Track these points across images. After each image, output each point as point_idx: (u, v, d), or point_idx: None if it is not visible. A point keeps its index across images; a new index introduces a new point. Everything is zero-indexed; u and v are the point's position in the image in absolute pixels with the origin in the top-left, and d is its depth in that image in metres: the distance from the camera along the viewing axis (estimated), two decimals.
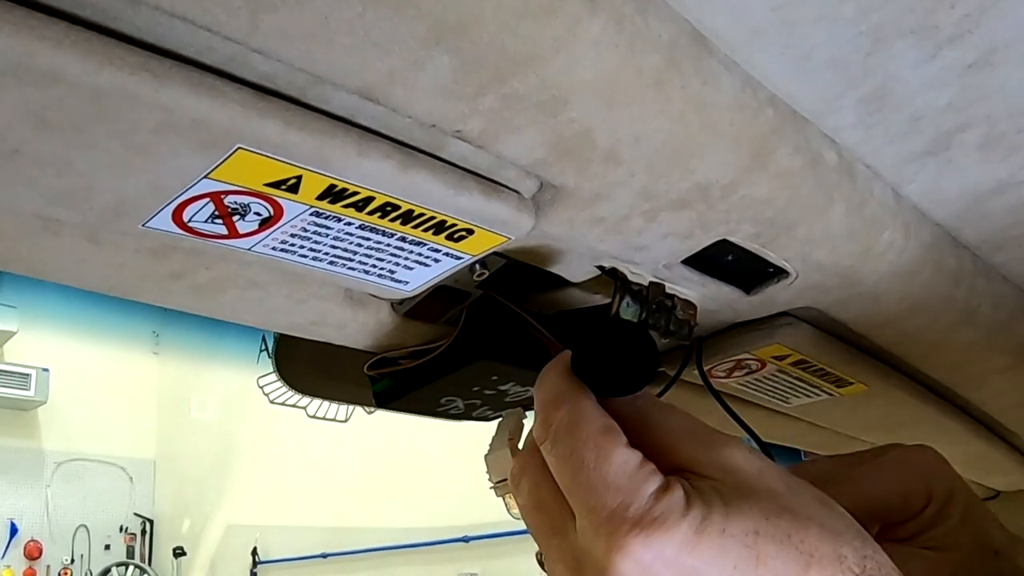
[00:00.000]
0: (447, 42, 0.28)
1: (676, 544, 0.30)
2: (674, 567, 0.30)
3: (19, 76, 0.25)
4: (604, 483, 0.32)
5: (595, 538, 0.31)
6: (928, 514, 0.43)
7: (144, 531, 6.93)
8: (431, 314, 0.49)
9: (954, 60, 0.36)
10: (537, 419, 0.36)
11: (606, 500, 0.32)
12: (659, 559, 0.30)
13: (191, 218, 0.34)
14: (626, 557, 0.30)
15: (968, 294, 0.54)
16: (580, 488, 0.33)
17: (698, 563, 0.30)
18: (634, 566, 0.30)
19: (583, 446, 0.33)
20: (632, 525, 0.31)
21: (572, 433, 0.34)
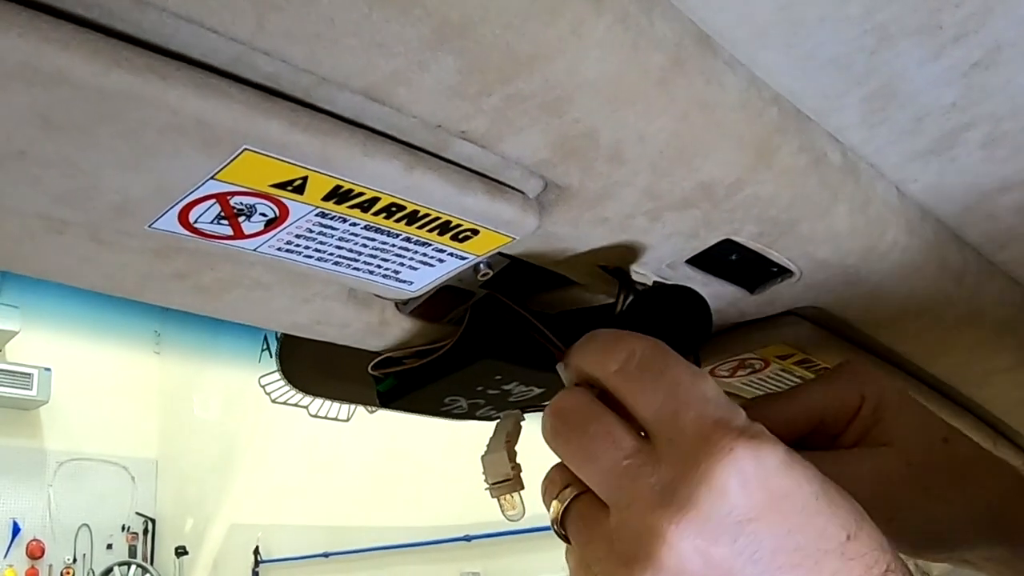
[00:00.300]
0: (452, 42, 0.28)
1: (777, 461, 0.31)
2: (773, 481, 0.31)
3: (26, 77, 0.25)
4: (705, 398, 0.33)
5: (694, 445, 0.31)
6: (865, 413, 0.44)
7: (146, 530, 6.94)
8: (435, 314, 0.49)
9: (958, 59, 0.36)
10: (607, 353, 0.36)
11: (709, 411, 0.32)
12: (762, 470, 0.31)
13: (197, 219, 0.34)
14: (734, 462, 0.31)
15: (972, 293, 0.54)
16: (678, 402, 0.33)
17: (792, 483, 0.31)
18: (738, 473, 0.30)
19: (677, 367, 0.34)
20: (739, 433, 0.31)
21: (662, 357, 0.34)
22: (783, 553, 0.30)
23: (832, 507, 0.32)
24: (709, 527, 0.30)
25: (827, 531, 0.31)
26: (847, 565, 0.31)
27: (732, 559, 0.30)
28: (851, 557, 0.31)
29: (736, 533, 0.30)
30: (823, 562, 0.31)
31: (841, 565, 0.31)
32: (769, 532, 0.30)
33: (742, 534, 0.30)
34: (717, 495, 0.30)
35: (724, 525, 0.30)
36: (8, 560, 6.28)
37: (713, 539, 0.30)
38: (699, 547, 0.30)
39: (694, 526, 0.30)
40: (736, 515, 0.30)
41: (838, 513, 0.32)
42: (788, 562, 0.30)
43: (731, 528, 0.30)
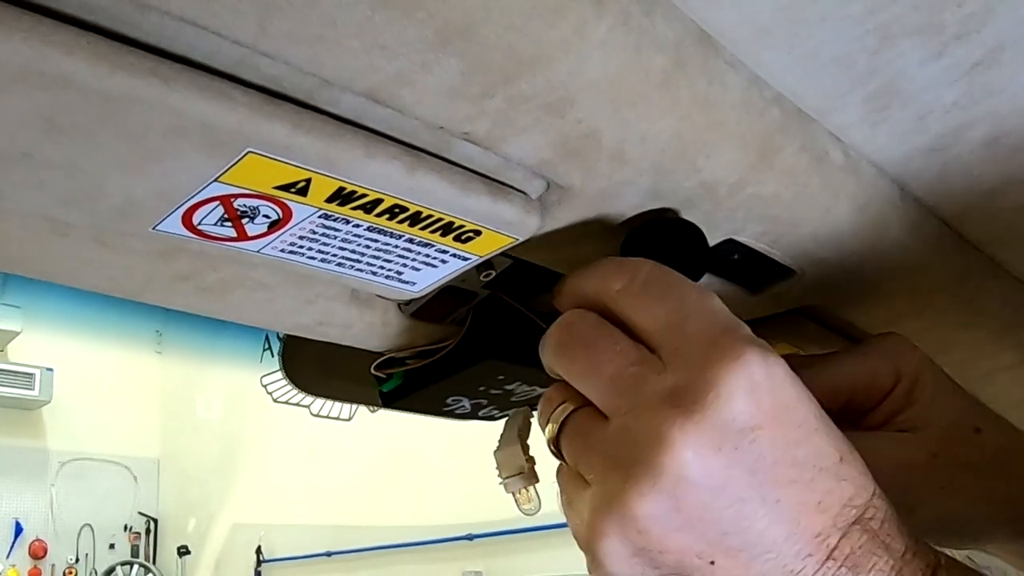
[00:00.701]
0: (454, 44, 0.28)
1: (784, 371, 0.31)
2: (779, 393, 0.31)
3: (30, 81, 0.25)
4: (713, 310, 0.32)
5: (707, 353, 0.31)
6: (898, 393, 0.43)
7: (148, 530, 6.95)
8: (438, 314, 0.49)
9: (960, 58, 0.36)
10: (611, 273, 0.35)
11: (719, 320, 0.32)
12: (770, 379, 0.30)
13: (201, 221, 0.34)
14: (743, 367, 0.30)
15: (975, 292, 0.54)
16: (685, 314, 0.32)
17: (796, 396, 0.31)
18: (747, 380, 0.30)
19: (682, 284, 0.34)
20: (749, 342, 0.31)
21: (667, 276, 0.34)
22: (782, 466, 0.30)
23: (827, 427, 0.32)
24: (714, 433, 0.30)
25: (824, 450, 0.31)
26: (839, 486, 0.31)
27: (732, 467, 0.30)
28: (843, 478, 0.31)
29: (739, 441, 0.30)
30: (818, 479, 0.31)
31: (834, 484, 0.31)
32: (771, 443, 0.30)
33: (745, 442, 0.30)
34: (725, 399, 0.30)
35: (729, 432, 0.30)
36: (11, 560, 6.29)
37: (716, 446, 0.30)
38: (701, 453, 0.29)
39: (699, 430, 0.29)
40: (741, 422, 0.30)
41: (832, 433, 0.32)
42: (786, 476, 0.30)
43: (735, 435, 0.30)
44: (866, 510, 0.31)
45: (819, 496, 0.31)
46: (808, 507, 0.30)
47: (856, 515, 0.31)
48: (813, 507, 0.30)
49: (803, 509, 0.30)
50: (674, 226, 0.37)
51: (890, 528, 0.31)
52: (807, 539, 0.30)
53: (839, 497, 0.31)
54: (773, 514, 0.30)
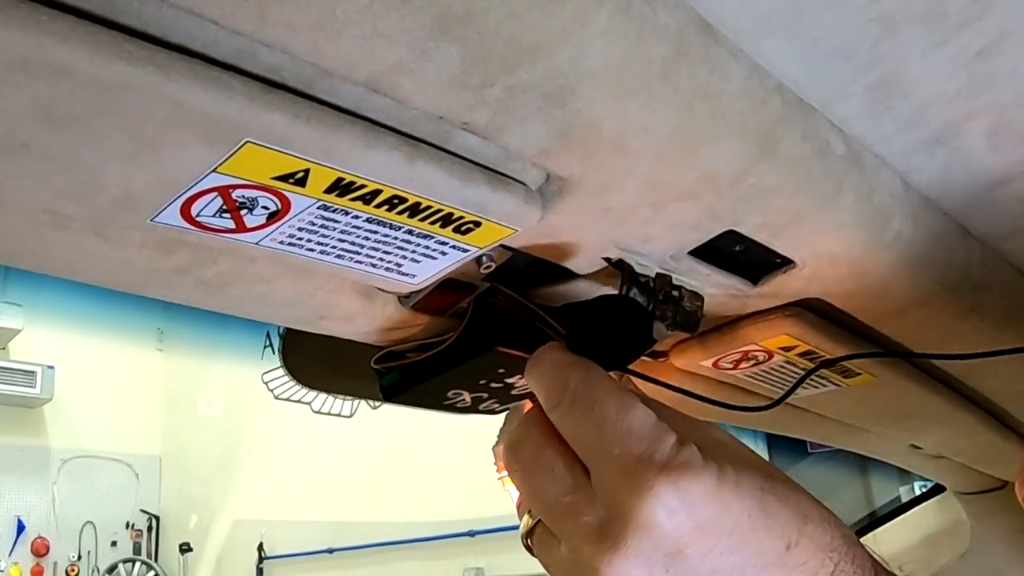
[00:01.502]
0: (454, 32, 0.28)
1: (701, 489, 0.32)
2: (698, 510, 0.32)
3: (28, 70, 0.25)
4: (629, 432, 0.33)
5: (619, 484, 0.32)
6: None
7: (150, 527, 6.95)
8: (438, 307, 0.49)
9: (963, 47, 0.36)
10: (546, 386, 0.37)
11: (632, 447, 0.33)
12: (686, 502, 0.32)
13: (199, 212, 0.34)
14: (655, 498, 0.31)
15: (977, 284, 0.54)
16: (604, 438, 0.34)
17: (719, 508, 0.32)
18: (661, 508, 0.31)
19: (604, 401, 0.35)
20: (660, 468, 0.32)
21: (592, 391, 0.35)
22: (719, 574, 0.32)
23: (768, 520, 0.33)
24: (640, 561, 0.32)
25: (763, 546, 0.32)
26: (790, 575, 0.32)
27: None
28: (792, 567, 0.32)
29: (668, 563, 0.32)
30: (762, 575, 0.32)
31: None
32: (701, 557, 0.32)
33: (674, 563, 0.31)
34: (644, 531, 0.31)
35: (655, 557, 0.32)
36: (13, 557, 6.29)
37: (647, 571, 0.32)
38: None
39: (627, 561, 0.31)
40: (666, 547, 0.31)
41: (776, 524, 0.33)
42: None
43: (662, 560, 0.31)
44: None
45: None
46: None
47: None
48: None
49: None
50: (617, 303, 0.38)
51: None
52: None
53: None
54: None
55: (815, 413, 0.74)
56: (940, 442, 0.87)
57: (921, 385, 0.66)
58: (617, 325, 0.37)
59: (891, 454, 0.94)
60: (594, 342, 0.37)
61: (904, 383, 0.65)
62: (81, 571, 6.55)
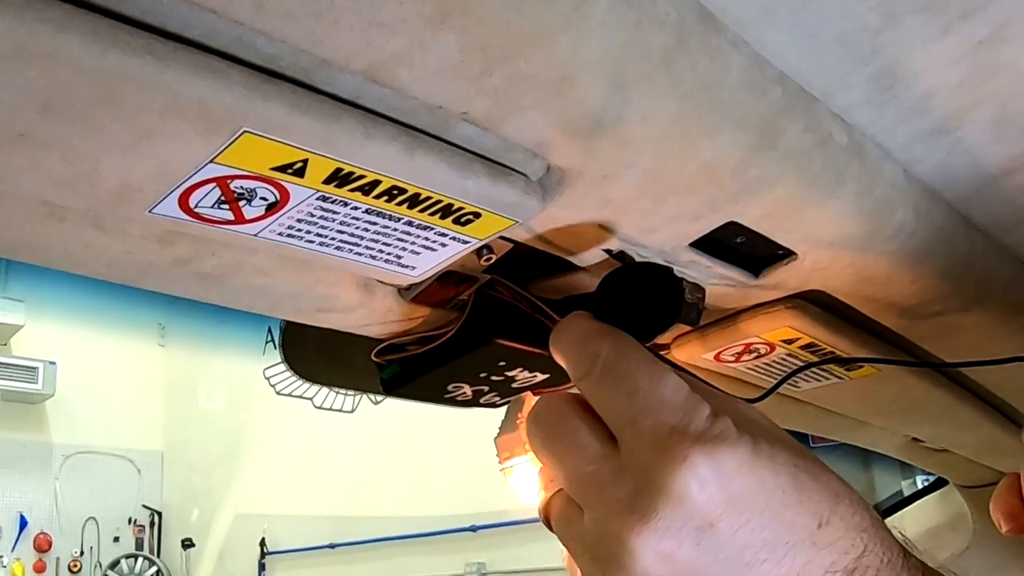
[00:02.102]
0: (453, 20, 0.28)
1: (736, 461, 0.31)
2: (733, 483, 0.31)
3: (24, 59, 0.25)
4: (662, 403, 0.33)
5: (653, 455, 0.32)
6: None
7: (152, 523, 6.97)
8: (438, 299, 0.49)
9: (966, 36, 0.36)
10: (575, 356, 0.36)
11: (665, 417, 0.32)
12: (720, 474, 0.31)
13: (197, 204, 0.33)
14: (689, 469, 0.31)
15: (980, 276, 0.54)
16: (636, 409, 0.33)
17: (753, 482, 0.31)
18: (695, 480, 0.31)
19: (637, 370, 0.34)
20: (694, 439, 0.32)
21: (624, 360, 0.35)
22: (750, 550, 0.31)
23: (801, 497, 0.32)
24: (671, 533, 0.31)
25: (796, 523, 0.32)
26: (819, 554, 0.31)
27: (697, 560, 0.31)
28: (823, 545, 0.32)
29: (698, 536, 0.31)
30: (792, 553, 0.31)
31: (813, 555, 0.31)
32: (732, 531, 0.31)
33: (704, 537, 0.31)
34: (676, 503, 0.31)
35: (686, 530, 0.31)
36: (16, 553, 6.31)
37: (676, 544, 0.31)
38: (663, 552, 0.31)
39: (656, 534, 0.31)
40: (697, 520, 0.31)
41: (809, 502, 0.32)
42: (755, 558, 0.31)
43: (693, 532, 0.31)
44: (854, 571, 0.32)
45: (796, 569, 0.31)
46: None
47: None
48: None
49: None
50: (647, 271, 0.37)
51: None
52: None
53: (819, 565, 0.31)
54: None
55: (817, 406, 0.74)
56: (942, 435, 0.87)
57: (923, 378, 0.66)
58: (646, 294, 0.36)
59: (893, 448, 0.94)
60: (623, 311, 0.36)
61: (906, 376, 0.64)
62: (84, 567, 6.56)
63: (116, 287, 0.42)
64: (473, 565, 4.83)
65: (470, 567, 4.84)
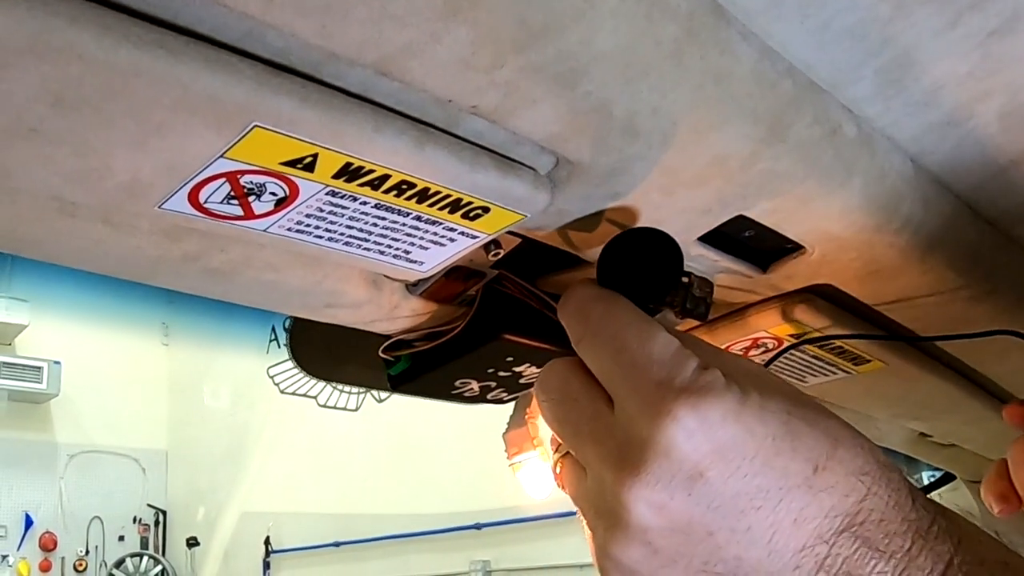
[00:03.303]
0: (464, 13, 0.28)
1: (722, 411, 0.32)
2: (719, 433, 0.31)
3: (36, 53, 0.25)
4: (649, 359, 0.33)
5: (640, 410, 0.32)
6: None
7: (157, 522, 6.98)
8: (446, 295, 0.49)
9: (975, 27, 0.35)
10: (572, 322, 0.37)
11: (652, 373, 0.33)
12: (705, 424, 0.31)
13: (207, 199, 0.33)
14: (674, 421, 0.31)
15: (988, 269, 0.54)
16: (624, 366, 0.34)
17: (740, 430, 0.32)
18: (681, 431, 0.31)
19: (625, 330, 0.35)
20: (679, 392, 0.32)
21: (613, 321, 0.35)
22: (743, 497, 0.31)
23: (795, 443, 0.32)
24: (661, 485, 0.31)
25: (789, 469, 0.32)
26: (816, 498, 0.31)
27: (691, 509, 0.31)
28: (820, 489, 0.32)
29: (689, 486, 0.31)
30: (788, 498, 0.31)
31: (810, 499, 0.31)
32: (723, 480, 0.31)
33: (695, 486, 0.31)
34: (663, 455, 0.31)
35: (676, 481, 0.31)
36: (22, 552, 6.33)
37: (668, 495, 0.31)
38: (656, 503, 0.31)
39: (647, 486, 0.31)
40: (686, 471, 0.31)
41: (803, 446, 0.32)
42: (750, 505, 0.31)
43: (683, 483, 0.31)
44: (857, 514, 0.32)
45: (792, 514, 0.31)
46: (782, 527, 0.31)
47: (843, 522, 0.31)
48: (788, 525, 0.31)
49: (777, 529, 0.31)
50: (647, 236, 0.37)
51: (889, 526, 0.32)
52: (790, 555, 0.31)
53: (816, 510, 0.31)
54: (746, 540, 0.31)
55: (824, 401, 0.74)
56: (950, 430, 0.87)
57: (931, 372, 0.66)
58: (645, 258, 0.37)
59: (900, 442, 0.94)
60: (623, 276, 0.37)
61: (914, 370, 0.64)
62: (89, 566, 6.58)
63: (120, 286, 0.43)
64: (478, 563, 4.83)
65: (475, 565, 4.84)
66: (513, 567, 4.73)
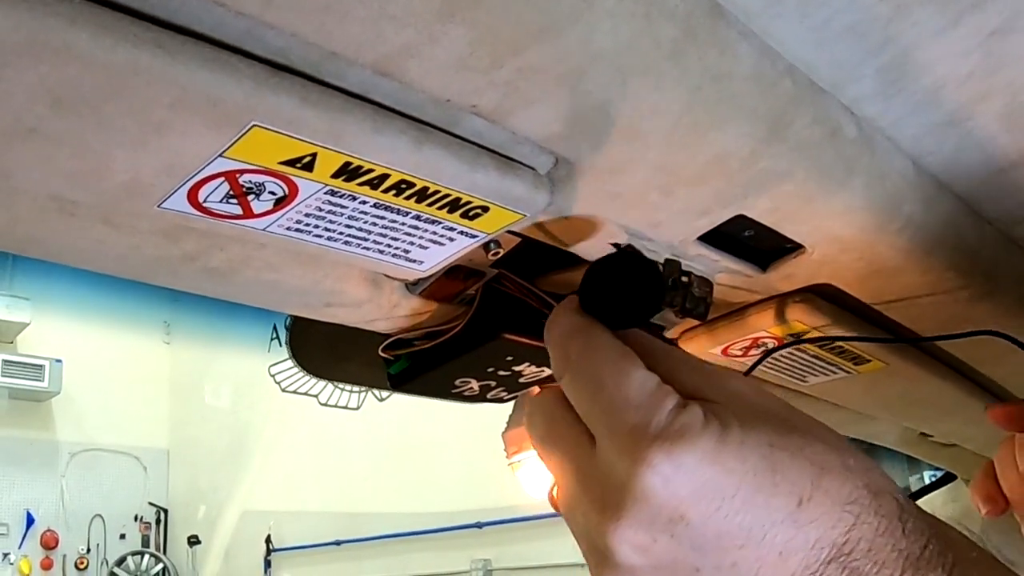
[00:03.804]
0: (463, 13, 0.28)
1: (698, 454, 0.31)
2: (696, 476, 0.31)
3: (35, 54, 0.25)
4: (625, 401, 0.33)
5: (618, 455, 0.32)
6: None
7: (158, 520, 6.99)
8: (446, 294, 0.49)
9: (976, 27, 0.35)
10: (554, 355, 0.37)
11: (627, 417, 0.33)
12: (681, 469, 0.31)
13: (206, 198, 0.34)
14: (649, 468, 0.31)
15: (988, 269, 0.53)
16: (601, 409, 0.34)
17: (718, 472, 0.31)
18: (657, 478, 0.31)
19: (601, 369, 0.35)
20: (654, 438, 0.32)
21: (590, 358, 0.35)
22: (727, 536, 0.31)
23: (777, 476, 0.32)
24: (642, 529, 0.31)
25: (771, 505, 0.31)
26: (801, 532, 0.31)
27: (674, 549, 0.31)
28: (805, 523, 0.31)
29: (671, 529, 0.31)
30: (772, 533, 0.31)
31: (794, 533, 0.31)
32: (704, 521, 0.31)
33: (677, 528, 0.31)
34: (642, 501, 0.31)
35: (657, 525, 0.31)
36: (23, 550, 6.33)
37: (650, 538, 0.31)
38: (639, 545, 0.31)
39: (630, 530, 0.31)
40: (666, 515, 0.31)
41: (786, 481, 0.32)
42: (733, 543, 0.31)
43: (665, 526, 0.31)
44: (844, 544, 0.31)
45: (777, 548, 0.31)
46: (767, 562, 0.31)
47: (830, 553, 0.31)
48: (773, 560, 0.31)
49: (762, 564, 0.31)
50: (628, 261, 0.37)
51: (878, 555, 0.31)
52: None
53: (802, 542, 0.31)
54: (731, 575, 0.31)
55: (825, 401, 0.74)
56: (950, 430, 0.87)
57: (932, 372, 0.66)
58: (624, 280, 0.37)
59: (901, 442, 0.94)
60: (604, 299, 0.37)
61: (914, 370, 0.64)
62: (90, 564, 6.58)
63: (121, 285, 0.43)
64: (479, 562, 4.83)
65: (476, 564, 4.84)
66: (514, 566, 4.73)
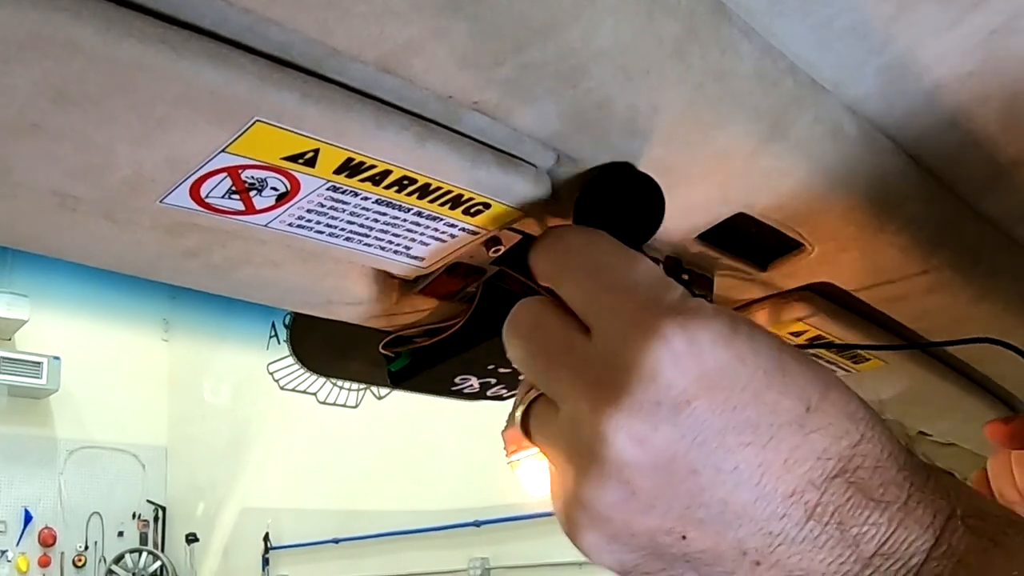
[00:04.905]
0: (465, 10, 0.28)
1: (712, 335, 0.29)
2: (708, 358, 0.29)
3: (38, 48, 0.25)
4: (634, 282, 0.31)
5: (623, 332, 0.29)
6: None
7: (157, 517, 6.99)
8: (446, 291, 0.49)
9: (977, 26, 0.35)
10: (547, 256, 0.34)
11: (637, 294, 0.30)
12: (694, 347, 0.28)
13: (208, 194, 0.34)
14: (661, 341, 0.28)
15: (989, 268, 0.54)
16: (605, 290, 0.31)
17: (732, 358, 0.29)
18: (668, 353, 0.28)
19: (608, 255, 0.32)
20: (667, 311, 0.29)
21: (594, 249, 0.33)
22: (731, 432, 0.28)
23: (787, 378, 0.29)
24: (644, 414, 0.28)
25: (780, 405, 0.29)
26: (807, 439, 0.29)
27: (675, 443, 0.28)
28: (812, 430, 0.29)
29: (674, 417, 0.28)
30: (779, 436, 0.29)
31: (800, 440, 0.29)
32: (711, 411, 0.28)
33: (681, 417, 0.28)
34: (648, 379, 0.28)
35: (660, 410, 0.28)
36: (21, 548, 6.34)
37: (651, 426, 0.28)
38: (637, 435, 0.28)
39: (627, 415, 0.28)
40: (672, 397, 0.28)
41: (794, 384, 0.29)
42: (737, 441, 0.28)
43: (668, 413, 0.28)
44: (851, 459, 0.29)
45: (783, 455, 0.29)
46: (772, 467, 0.29)
47: (836, 467, 0.29)
48: (778, 467, 0.29)
49: (766, 470, 0.29)
50: (627, 177, 0.36)
51: (885, 474, 0.29)
52: (779, 500, 0.29)
53: (809, 451, 0.29)
54: (732, 481, 0.29)
55: None
56: (950, 429, 0.87)
57: (931, 371, 0.66)
58: (624, 196, 0.36)
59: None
60: (603, 216, 0.35)
61: (914, 369, 0.64)
62: (88, 561, 6.59)
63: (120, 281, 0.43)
64: (477, 560, 4.84)
65: (474, 562, 4.85)
66: (512, 564, 4.73)
